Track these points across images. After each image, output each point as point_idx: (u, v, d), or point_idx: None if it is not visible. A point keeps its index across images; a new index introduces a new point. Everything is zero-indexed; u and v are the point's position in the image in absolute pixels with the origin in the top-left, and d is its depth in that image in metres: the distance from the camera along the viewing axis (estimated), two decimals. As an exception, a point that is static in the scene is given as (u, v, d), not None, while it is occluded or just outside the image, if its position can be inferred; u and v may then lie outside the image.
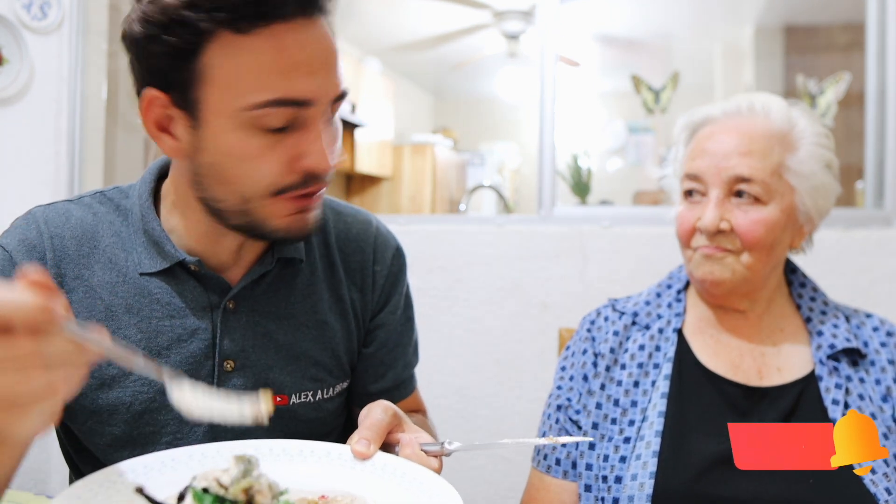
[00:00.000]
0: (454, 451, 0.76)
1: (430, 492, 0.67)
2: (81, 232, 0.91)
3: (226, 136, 0.78)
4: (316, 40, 0.79)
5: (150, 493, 0.61)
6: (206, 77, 0.77)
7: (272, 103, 0.76)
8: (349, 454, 0.75)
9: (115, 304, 0.89)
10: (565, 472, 1.10)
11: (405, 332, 1.08)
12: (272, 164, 0.79)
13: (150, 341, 0.89)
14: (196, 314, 0.90)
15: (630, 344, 1.14)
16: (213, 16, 0.74)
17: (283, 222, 0.83)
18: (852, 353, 1.08)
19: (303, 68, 0.77)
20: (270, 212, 0.82)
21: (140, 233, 0.91)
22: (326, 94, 0.80)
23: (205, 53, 0.76)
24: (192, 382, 0.66)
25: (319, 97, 0.79)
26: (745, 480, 0.97)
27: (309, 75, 0.77)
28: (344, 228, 1.04)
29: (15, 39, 2.16)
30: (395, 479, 0.71)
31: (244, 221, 0.84)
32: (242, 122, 0.77)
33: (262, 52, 0.75)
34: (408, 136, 5.79)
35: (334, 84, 0.80)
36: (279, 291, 0.95)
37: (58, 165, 2.27)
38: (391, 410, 0.79)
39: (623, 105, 5.19)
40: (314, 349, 0.96)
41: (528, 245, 2.22)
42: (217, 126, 0.78)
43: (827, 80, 2.83)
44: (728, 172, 1.05)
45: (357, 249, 1.03)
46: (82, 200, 0.95)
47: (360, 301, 1.02)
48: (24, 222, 0.91)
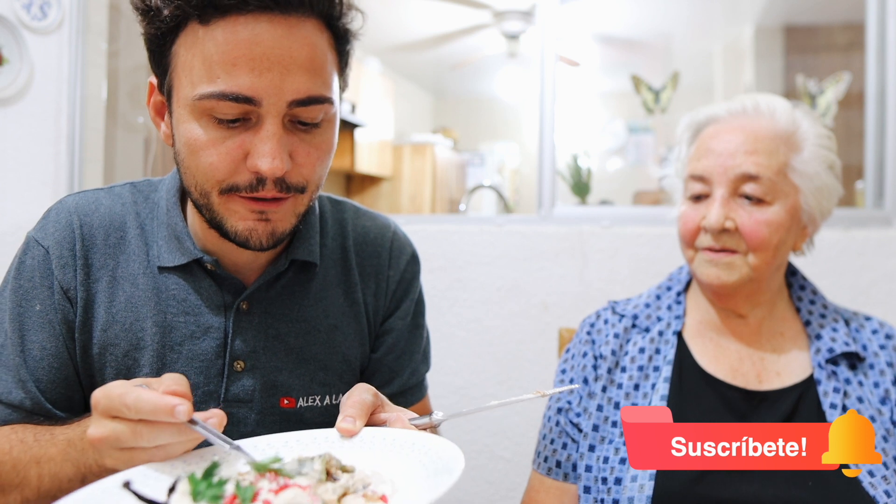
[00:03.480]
0: (442, 422, 0.76)
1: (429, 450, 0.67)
2: (109, 221, 0.92)
3: (184, 124, 0.80)
4: (275, 37, 0.76)
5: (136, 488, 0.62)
6: (175, 65, 0.80)
7: (216, 95, 0.76)
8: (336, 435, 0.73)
9: (135, 295, 0.90)
10: (566, 474, 1.10)
11: (413, 339, 1.07)
12: (221, 158, 0.79)
13: (164, 336, 0.89)
14: (210, 313, 0.90)
15: (630, 346, 1.13)
16: (180, 5, 0.76)
17: (243, 225, 0.82)
18: (851, 356, 1.08)
19: (248, 64, 0.76)
20: (227, 210, 0.82)
21: (164, 227, 0.92)
22: (276, 95, 0.77)
23: (176, 42, 0.80)
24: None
25: (265, 97, 0.76)
26: (744, 483, 0.97)
27: (253, 72, 0.76)
28: (362, 232, 1.04)
29: (15, 39, 2.15)
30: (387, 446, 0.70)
31: (210, 217, 0.84)
32: (195, 111, 0.79)
33: (217, 44, 0.76)
34: (408, 136, 5.79)
35: (292, 87, 0.77)
36: (293, 294, 0.95)
37: (58, 165, 2.27)
38: (372, 390, 0.79)
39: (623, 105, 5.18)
40: (324, 353, 0.96)
41: (528, 245, 2.22)
42: (179, 114, 0.81)
43: (827, 80, 2.83)
44: (734, 171, 1.05)
45: (373, 253, 1.03)
46: (113, 190, 0.97)
47: (373, 305, 1.02)
48: (56, 214, 0.93)
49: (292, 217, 0.85)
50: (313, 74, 0.79)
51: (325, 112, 0.82)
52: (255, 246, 0.83)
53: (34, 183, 2.22)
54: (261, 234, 0.83)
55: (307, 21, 0.79)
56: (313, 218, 0.98)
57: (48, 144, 2.26)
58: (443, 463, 0.64)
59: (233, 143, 0.79)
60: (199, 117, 0.79)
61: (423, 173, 5.56)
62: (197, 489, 0.58)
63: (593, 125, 5.29)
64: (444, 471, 0.61)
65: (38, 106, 2.23)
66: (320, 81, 0.80)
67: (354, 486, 0.62)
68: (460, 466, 0.60)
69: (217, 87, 0.76)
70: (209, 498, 0.57)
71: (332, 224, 1.02)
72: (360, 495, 0.61)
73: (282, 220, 0.84)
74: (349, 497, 0.61)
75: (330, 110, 0.83)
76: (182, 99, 0.80)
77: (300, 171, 0.82)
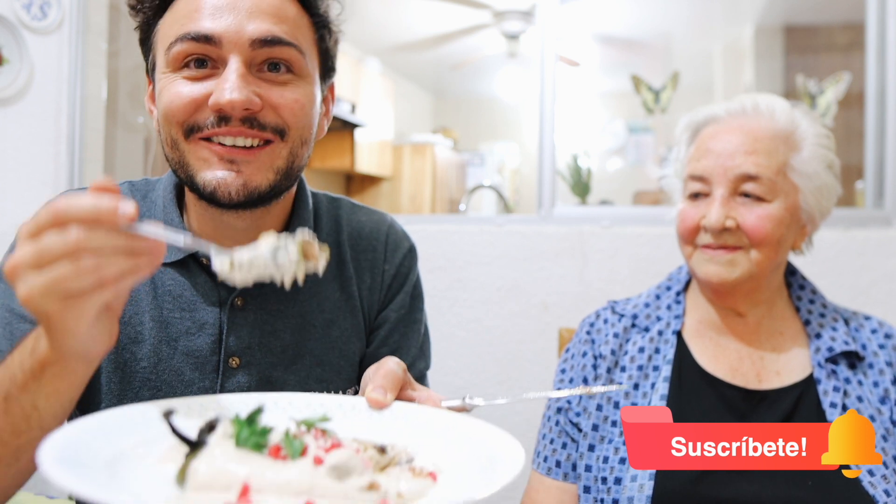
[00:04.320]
0: (476, 407, 0.71)
1: (490, 443, 0.60)
2: None
3: (159, 84, 0.84)
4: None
5: (174, 422, 0.57)
6: (157, 40, 0.85)
7: (179, 38, 0.81)
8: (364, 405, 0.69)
9: (135, 289, 0.89)
10: (565, 474, 1.10)
11: (409, 332, 1.06)
12: (183, 98, 0.81)
13: (161, 330, 0.89)
14: (205, 309, 0.90)
15: (630, 346, 1.13)
16: None
17: (211, 175, 0.82)
18: (850, 355, 1.08)
19: (211, 8, 0.81)
20: (196, 159, 0.83)
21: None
22: (237, 33, 0.80)
23: (159, 23, 0.85)
24: (235, 251, 0.66)
25: (224, 35, 0.80)
26: (744, 482, 0.97)
27: (214, 14, 0.80)
28: (357, 226, 1.04)
29: (15, 39, 2.16)
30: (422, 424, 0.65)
31: (184, 176, 0.85)
32: (166, 65, 0.83)
33: (183, 3, 0.82)
34: (408, 136, 5.79)
35: (253, 26, 0.81)
36: (288, 290, 0.94)
37: (58, 165, 2.27)
38: (403, 365, 0.75)
39: (623, 105, 5.18)
40: (320, 349, 0.96)
41: (528, 245, 2.22)
42: (157, 82, 0.85)
43: (827, 80, 2.83)
44: (734, 171, 1.05)
45: (368, 247, 1.03)
46: None
47: (368, 299, 1.02)
48: None
49: (269, 171, 0.83)
50: (277, 20, 0.82)
51: (294, 60, 0.84)
52: (223, 198, 0.81)
53: (34, 183, 2.23)
54: (229, 186, 0.81)
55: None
56: (307, 213, 0.98)
57: (48, 144, 2.26)
58: (497, 455, 0.58)
59: (198, 87, 0.81)
60: (170, 69, 0.82)
61: (423, 173, 5.56)
62: (241, 433, 0.54)
63: (593, 125, 5.29)
64: (498, 464, 0.56)
65: (38, 106, 2.23)
66: (286, 28, 0.83)
67: (398, 458, 0.59)
68: (520, 456, 0.56)
69: (180, 32, 0.81)
70: (252, 444, 0.53)
71: (327, 220, 1.02)
72: (406, 468, 0.57)
73: (256, 172, 0.82)
74: (393, 468, 0.57)
75: (301, 61, 0.85)
76: (159, 66, 0.85)
77: (276, 113, 0.83)
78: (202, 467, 0.51)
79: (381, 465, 0.57)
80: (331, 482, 0.51)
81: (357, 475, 0.52)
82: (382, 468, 0.57)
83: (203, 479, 0.50)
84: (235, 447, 0.53)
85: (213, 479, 0.50)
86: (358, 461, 0.53)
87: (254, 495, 0.49)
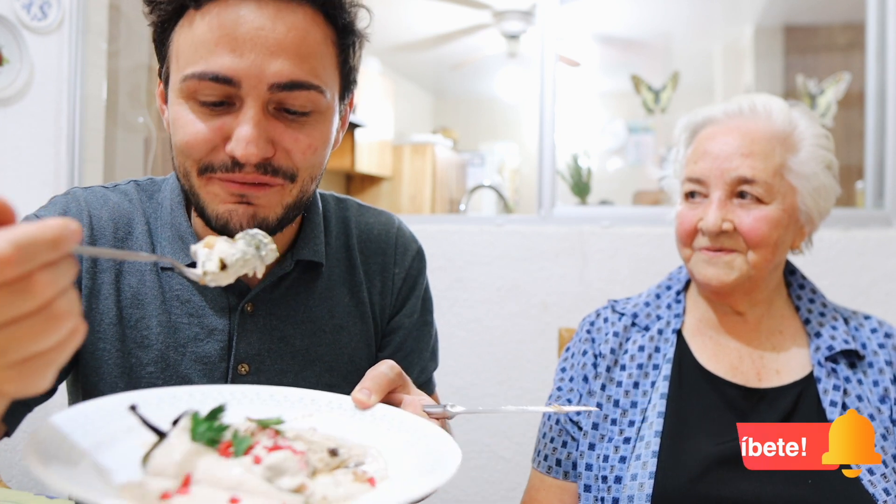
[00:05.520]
0: (457, 415, 0.75)
1: (431, 443, 0.65)
2: (118, 216, 0.92)
3: (173, 106, 0.81)
4: (261, 19, 0.76)
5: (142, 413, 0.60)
6: (171, 51, 0.81)
7: (197, 76, 0.77)
8: (350, 404, 0.73)
9: (141, 292, 0.89)
10: (566, 472, 1.10)
11: (422, 336, 1.06)
12: (199, 137, 0.78)
13: (169, 336, 0.89)
14: (214, 315, 0.90)
15: (630, 345, 1.14)
16: None
17: (223, 207, 0.81)
18: (850, 354, 1.08)
19: (230, 45, 0.76)
20: (207, 193, 0.81)
21: (167, 227, 0.91)
22: (257, 77, 0.76)
23: (175, 30, 0.81)
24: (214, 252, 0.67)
25: (244, 78, 0.76)
26: (745, 481, 0.97)
27: (234, 52, 0.76)
28: (365, 229, 1.03)
29: (15, 39, 2.16)
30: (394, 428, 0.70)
31: (195, 203, 0.84)
32: (182, 93, 0.79)
33: (205, 27, 0.77)
34: (408, 136, 5.79)
35: (274, 69, 0.76)
36: (298, 295, 0.94)
37: (58, 165, 2.27)
38: (396, 369, 0.78)
39: (623, 105, 5.18)
40: (330, 354, 0.95)
41: (528, 245, 2.22)
42: (171, 98, 0.82)
43: (827, 80, 2.84)
44: (731, 174, 1.05)
45: (378, 251, 1.02)
46: (118, 188, 0.96)
47: (379, 304, 1.01)
48: (63, 199, 0.93)
49: (278, 207, 0.83)
50: (299, 60, 0.78)
51: (313, 101, 0.80)
52: (234, 229, 0.81)
53: (34, 183, 2.23)
54: (241, 217, 0.81)
55: (301, 9, 0.79)
56: (317, 217, 0.97)
57: (48, 144, 2.26)
58: (439, 460, 0.62)
59: (213, 123, 0.79)
60: (186, 99, 0.79)
61: (423, 173, 5.56)
62: (197, 428, 0.58)
63: (593, 125, 5.29)
64: (438, 468, 0.60)
65: (38, 106, 2.23)
66: (307, 68, 0.79)
67: (347, 462, 0.62)
68: (454, 467, 0.59)
69: (199, 68, 0.77)
70: (206, 440, 0.57)
71: (336, 223, 1.01)
72: (350, 471, 0.61)
73: (265, 206, 0.82)
74: (340, 470, 0.61)
75: (320, 100, 0.81)
76: (173, 83, 0.81)
77: (289, 157, 0.81)
78: (157, 455, 0.56)
79: (330, 466, 0.60)
80: (260, 481, 0.54)
81: (290, 476, 0.56)
82: (332, 469, 0.60)
83: (157, 467, 0.55)
84: (191, 440, 0.57)
85: (164, 467, 0.54)
86: (294, 463, 0.56)
87: (193, 486, 0.53)
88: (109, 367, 0.88)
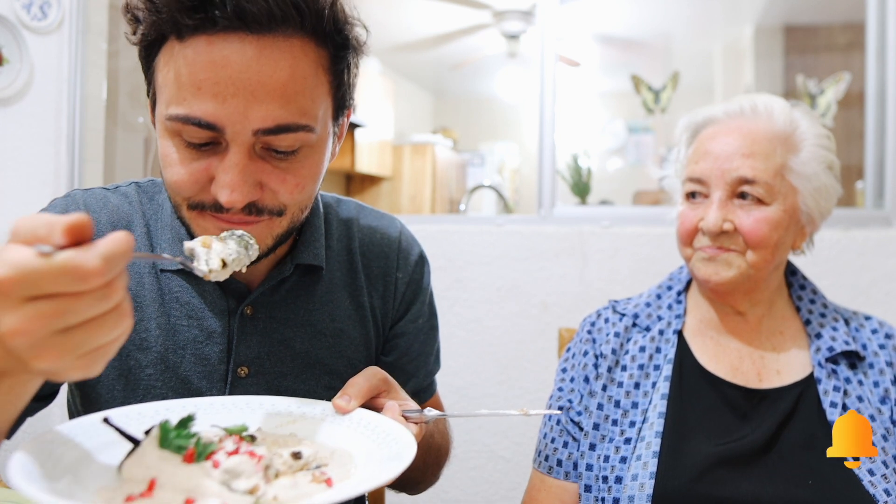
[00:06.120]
0: (432, 419, 0.79)
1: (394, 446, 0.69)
2: (118, 218, 0.92)
3: (160, 139, 0.79)
4: (244, 60, 0.71)
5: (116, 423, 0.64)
6: (156, 79, 0.78)
7: (181, 119, 0.73)
8: (331, 409, 0.77)
9: (140, 294, 0.89)
10: (566, 473, 1.10)
11: (428, 340, 1.06)
12: (187, 178, 0.76)
13: (168, 339, 0.88)
14: (214, 317, 0.89)
15: (631, 345, 1.13)
16: (155, 21, 0.73)
17: None
18: (851, 355, 1.08)
19: (213, 88, 0.71)
20: (197, 225, 0.80)
21: (168, 229, 0.91)
22: (240, 123, 0.72)
23: (157, 56, 0.77)
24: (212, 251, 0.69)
25: (228, 124, 0.72)
26: (745, 481, 0.97)
27: (217, 98, 0.71)
28: (368, 233, 1.02)
29: (15, 39, 2.15)
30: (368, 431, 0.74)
31: (186, 231, 0.83)
32: (167, 129, 0.77)
33: (187, 63, 0.72)
34: (408, 136, 5.79)
35: (258, 115, 0.72)
36: (298, 298, 0.94)
37: (58, 165, 2.27)
38: (380, 375, 0.80)
39: (623, 105, 5.19)
40: (329, 358, 0.95)
41: (528, 245, 2.22)
42: (158, 128, 0.80)
43: (827, 80, 2.84)
44: (731, 174, 1.05)
45: (380, 255, 1.02)
46: (119, 189, 0.96)
47: (381, 308, 1.01)
48: (63, 201, 0.92)
49: (268, 238, 0.82)
50: (285, 101, 0.74)
51: (301, 140, 0.77)
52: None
53: (34, 183, 2.23)
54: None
55: (289, 40, 0.74)
56: (318, 221, 0.97)
57: (48, 144, 2.26)
58: (396, 450, 0.66)
59: (200, 164, 0.76)
60: (171, 136, 0.77)
61: (423, 173, 5.57)
62: (165, 437, 0.61)
63: (593, 125, 5.30)
64: (395, 458, 0.64)
65: (38, 106, 2.23)
66: (294, 108, 0.75)
67: (310, 464, 0.66)
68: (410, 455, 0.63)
69: (183, 111, 0.73)
70: (174, 447, 0.60)
71: (337, 225, 1.01)
72: (310, 473, 0.64)
73: (256, 237, 0.79)
74: (300, 473, 0.64)
75: (309, 138, 0.77)
76: (158, 114, 0.78)
77: (275, 197, 0.78)
78: (128, 462, 0.60)
79: (294, 468, 0.64)
80: (215, 484, 0.57)
81: (245, 478, 0.59)
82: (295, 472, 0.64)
83: (128, 472, 0.59)
84: (159, 448, 0.60)
85: (134, 473, 0.59)
86: (249, 466, 0.60)
87: (156, 490, 0.57)
88: (108, 368, 0.88)
